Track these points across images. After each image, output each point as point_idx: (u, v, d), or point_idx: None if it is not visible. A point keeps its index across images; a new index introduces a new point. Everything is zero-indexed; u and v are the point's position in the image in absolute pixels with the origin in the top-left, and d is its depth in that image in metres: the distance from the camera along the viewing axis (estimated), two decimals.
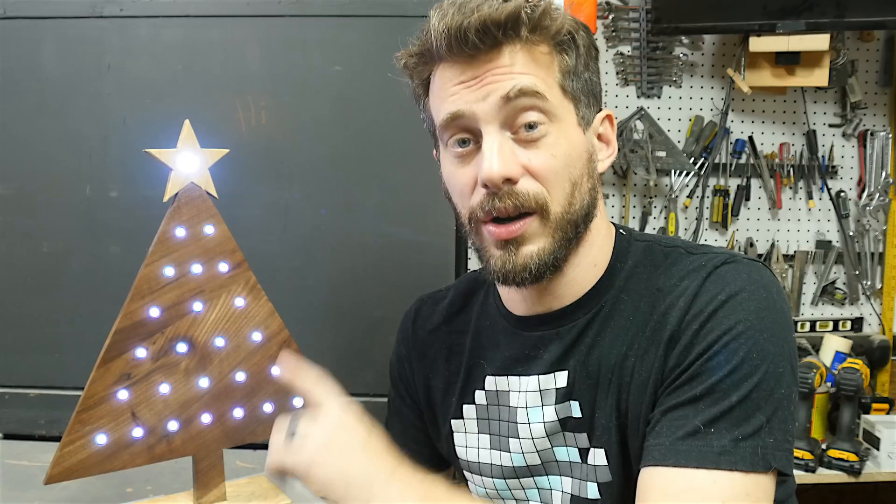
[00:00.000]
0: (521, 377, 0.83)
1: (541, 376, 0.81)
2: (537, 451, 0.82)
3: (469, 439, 0.88)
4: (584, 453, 0.79)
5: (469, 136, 0.74)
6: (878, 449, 1.59)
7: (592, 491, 0.78)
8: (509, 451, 0.84)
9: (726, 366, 0.68)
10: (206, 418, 0.92)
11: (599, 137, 0.80)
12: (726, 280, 0.72)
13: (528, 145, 0.72)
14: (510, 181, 0.71)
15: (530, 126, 0.72)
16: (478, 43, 0.69)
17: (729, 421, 0.67)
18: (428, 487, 0.67)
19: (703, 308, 0.71)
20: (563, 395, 0.79)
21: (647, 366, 0.73)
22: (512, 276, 0.75)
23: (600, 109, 0.80)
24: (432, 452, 0.97)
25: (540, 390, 0.81)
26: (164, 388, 0.88)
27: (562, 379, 0.79)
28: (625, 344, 0.76)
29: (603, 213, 0.81)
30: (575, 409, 0.79)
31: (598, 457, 0.77)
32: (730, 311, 0.70)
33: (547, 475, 0.82)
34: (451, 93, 0.73)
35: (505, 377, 0.84)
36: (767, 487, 0.67)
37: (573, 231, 0.75)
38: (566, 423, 0.79)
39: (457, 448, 0.90)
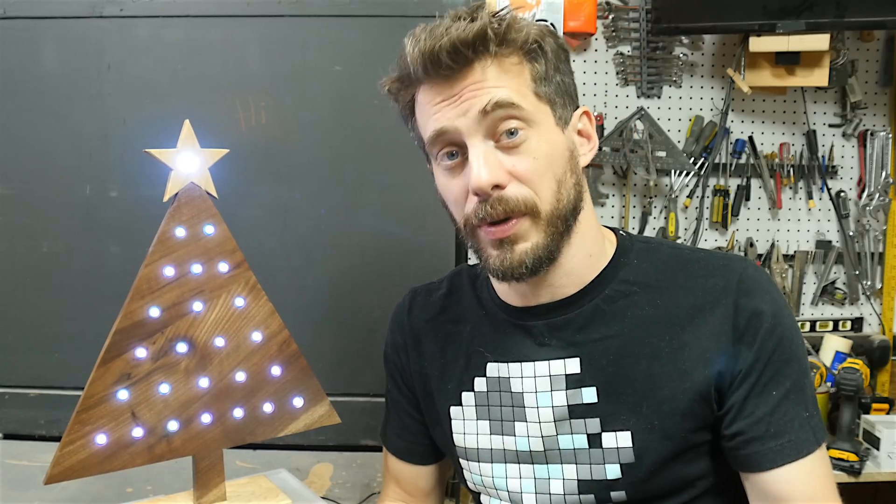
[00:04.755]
0: (525, 363, 0.85)
1: (551, 361, 0.84)
2: (542, 437, 0.84)
3: (468, 426, 0.90)
4: (594, 438, 0.81)
5: (456, 148, 0.78)
6: (878, 449, 1.59)
7: (612, 472, 0.80)
8: (514, 435, 0.86)
9: (796, 358, 0.79)
10: (206, 418, 0.92)
11: (580, 133, 0.84)
12: (759, 282, 0.80)
13: (511, 151, 0.76)
14: (498, 187, 0.76)
15: (510, 133, 0.76)
16: (451, 63, 0.74)
17: (812, 401, 0.80)
18: None
19: (757, 309, 0.78)
20: (574, 382, 0.82)
21: (693, 357, 0.79)
22: (510, 273, 0.78)
23: (577, 107, 0.84)
24: (429, 444, 0.99)
25: (550, 375, 0.83)
26: (164, 388, 0.89)
27: (573, 365, 0.82)
28: (654, 335, 0.81)
29: (589, 205, 0.85)
30: (588, 395, 0.82)
31: (620, 439, 0.80)
32: (780, 311, 0.79)
33: (547, 464, 0.84)
34: (433, 112, 0.77)
35: (506, 364, 0.87)
36: None
37: (563, 225, 0.79)
38: (575, 410, 0.82)
39: (454, 435, 0.91)
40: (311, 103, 1.44)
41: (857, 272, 1.90)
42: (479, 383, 0.89)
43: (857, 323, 1.91)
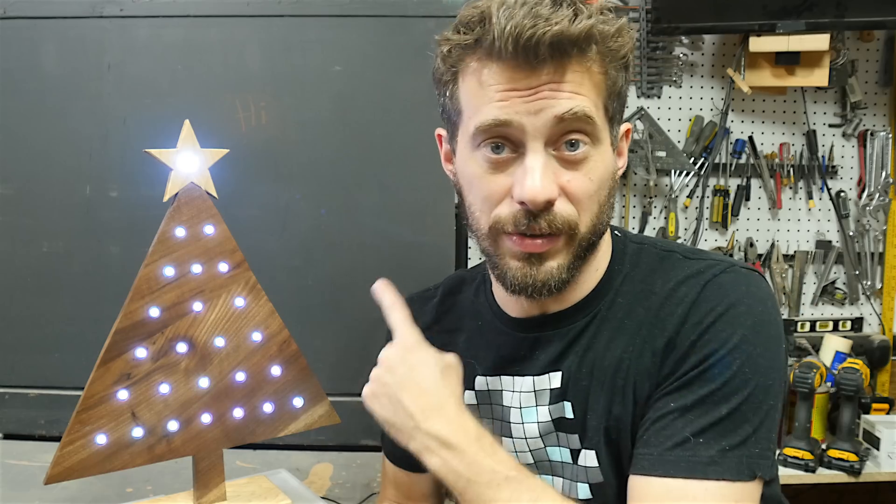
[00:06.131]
0: (515, 377, 0.83)
1: (535, 377, 0.81)
2: (530, 451, 0.82)
3: None
4: (575, 454, 0.79)
5: (505, 142, 0.71)
6: (878, 449, 1.59)
7: (583, 491, 0.78)
8: None
9: (719, 378, 0.70)
10: (206, 418, 0.92)
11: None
12: (725, 290, 0.73)
13: (569, 165, 0.71)
14: (550, 203, 0.70)
15: (572, 144, 0.70)
16: (547, 56, 0.66)
17: (717, 431, 0.69)
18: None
19: (701, 318, 0.72)
20: (556, 396, 0.80)
21: (642, 370, 0.74)
22: (531, 290, 0.74)
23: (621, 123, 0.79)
24: None
25: (535, 391, 0.81)
26: (164, 388, 0.88)
27: (556, 380, 0.80)
28: (619, 347, 0.77)
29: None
30: (568, 410, 0.79)
31: (588, 458, 0.78)
32: (727, 323, 0.71)
33: (539, 475, 0.83)
34: (500, 97, 0.69)
35: (497, 377, 0.85)
36: (753, 494, 0.69)
37: (591, 248, 0.76)
38: (559, 424, 0.80)
39: None
40: (311, 103, 1.44)
41: (857, 272, 1.90)
42: (469, 396, 0.87)
43: (857, 323, 1.91)
